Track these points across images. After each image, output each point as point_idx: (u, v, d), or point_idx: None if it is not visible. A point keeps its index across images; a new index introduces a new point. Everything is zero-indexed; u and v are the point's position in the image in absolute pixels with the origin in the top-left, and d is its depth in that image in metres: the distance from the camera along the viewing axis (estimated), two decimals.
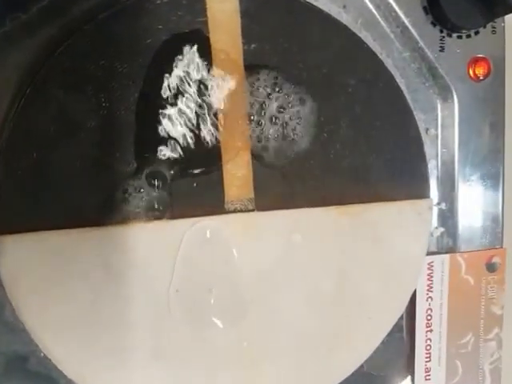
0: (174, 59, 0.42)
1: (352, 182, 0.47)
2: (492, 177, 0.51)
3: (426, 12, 0.48)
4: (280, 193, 0.46)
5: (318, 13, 0.45)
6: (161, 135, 0.43)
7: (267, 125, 0.44)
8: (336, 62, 0.46)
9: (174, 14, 0.42)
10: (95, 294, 0.42)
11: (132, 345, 0.43)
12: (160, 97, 0.42)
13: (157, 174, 0.43)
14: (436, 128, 0.50)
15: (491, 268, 0.51)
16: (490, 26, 0.49)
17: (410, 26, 0.48)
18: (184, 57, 0.42)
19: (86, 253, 0.42)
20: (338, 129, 0.46)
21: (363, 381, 0.50)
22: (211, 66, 0.43)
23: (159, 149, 0.42)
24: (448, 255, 0.50)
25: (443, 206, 0.50)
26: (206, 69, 0.43)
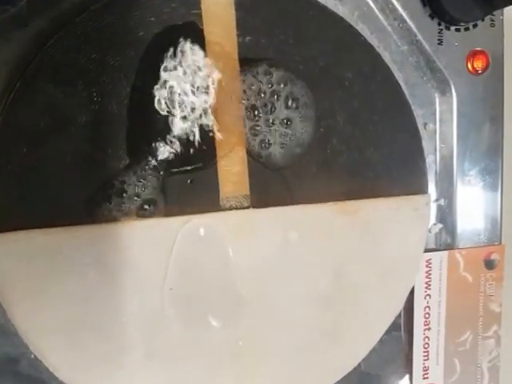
0: (167, 52, 0.41)
1: (349, 178, 0.46)
2: (491, 172, 0.51)
3: (424, 4, 0.47)
4: (276, 189, 0.45)
5: (315, 5, 0.44)
6: (154, 130, 0.41)
7: (262, 120, 0.43)
8: (332, 55, 0.45)
9: (167, 5, 0.41)
10: (87, 294, 0.41)
11: (125, 345, 0.42)
12: (153, 91, 0.41)
13: (149, 170, 0.42)
14: (434, 123, 0.50)
15: (490, 265, 0.51)
16: (488, 19, 0.48)
17: (408, 19, 0.47)
18: (177, 50, 0.41)
19: (76, 252, 0.41)
20: (335, 123, 0.45)
21: (361, 380, 0.49)
22: (205, 58, 0.41)
23: (152, 144, 0.42)
24: (446, 252, 0.49)
25: (442, 202, 0.50)
26: (200, 61, 0.41)
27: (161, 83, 0.41)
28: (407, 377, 0.51)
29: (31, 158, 0.40)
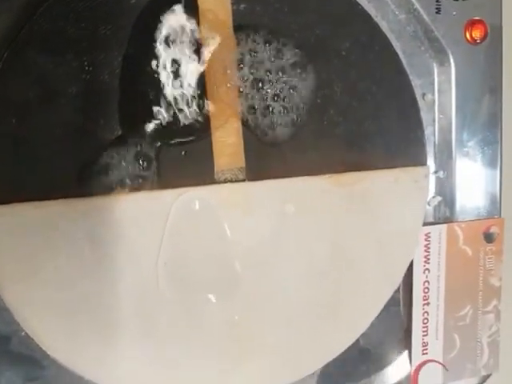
0: (160, 20, 0.40)
1: (346, 150, 0.45)
2: (490, 144, 0.50)
3: None
4: (272, 162, 0.44)
5: None
6: (147, 101, 0.41)
7: (258, 90, 0.42)
8: (329, 23, 0.44)
9: None
10: (79, 269, 0.40)
11: (119, 321, 0.41)
12: (145, 60, 0.40)
13: (143, 141, 0.41)
14: (433, 93, 0.49)
15: (489, 238, 0.50)
16: None
17: None
18: (170, 17, 0.40)
19: (68, 225, 0.40)
20: (332, 94, 0.44)
21: (360, 356, 0.49)
22: (199, 26, 0.40)
23: (145, 115, 0.40)
24: (445, 225, 0.49)
25: (440, 174, 0.49)
26: (194, 30, 0.40)
27: (153, 52, 0.40)
28: (406, 352, 0.50)
29: (21, 130, 0.39)
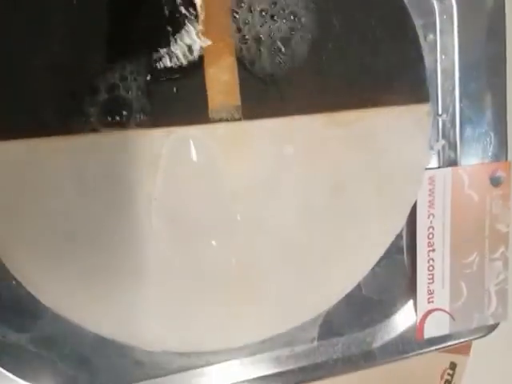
0: None
1: (346, 87, 0.44)
2: (494, 85, 0.48)
3: None
4: (269, 100, 0.42)
5: None
6: (136, 33, 0.39)
7: (254, 23, 0.40)
8: None
9: None
10: (69, 209, 0.38)
11: (109, 261, 0.39)
12: None
13: (132, 76, 0.39)
14: (434, 33, 0.46)
15: (495, 182, 0.48)
16: None
17: None
18: None
19: (56, 165, 0.38)
20: (331, 28, 0.42)
21: (362, 305, 0.47)
22: None
23: (134, 47, 0.38)
24: (450, 168, 0.47)
25: (444, 117, 0.47)
26: None
27: None
28: (411, 302, 0.48)
29: (3, 62, 0.36)
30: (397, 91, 0.44)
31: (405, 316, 0.48)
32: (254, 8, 0.41)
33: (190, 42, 0.39)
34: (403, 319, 0.48)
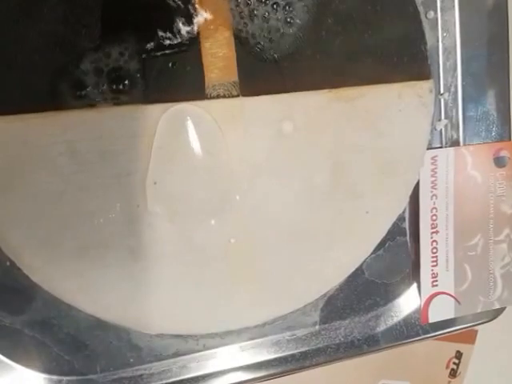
0: None
1: (346, 63, 0.42)
2: (497, 63, 0.47)
3: None
4: (267, 76, 0.41)
5: None
6: (132, 6, 0.37)
7: None
8: None
9: None
10: (62, 186, 0.37)
11: (106, 242, 0.38)
12: None
13: (127, 51, 0.37)
14: (435, 11, 0.45)
15: (499, 162, 0.47)
16: None
17: None
18: None
19: (49, 140, 0.37)
20: (331, 4, 0.41)
21: (366, 289, 0.46)
22: None
23: (128, 20, 0.37)
24: (453, 148, 0.46)
25: (446, 96, 0.46)
26: None
27: None
28: (415, 285, 0.47)
29: None
30: (398, 68, 0.43)
31: (409, 300, 0.47)
32: None
33: (186, 16, 0.38)
34: (407, 303, 0.47)
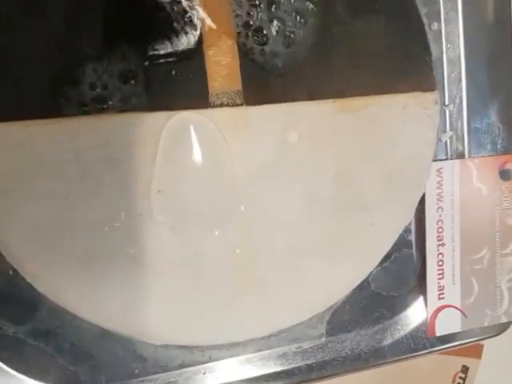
0: None
1: (352, 74, 0.42)
2: (501, 75, 0.47)
3: None
4: (271, 85, 0.41)
5: None
6: (134, 14, 0.37)
7: (254, 5, 0.39)
8: None
9: None
10: (66, 193, 0.37)
11: (110, 250, 0.37)
12: None
13: (129, 59, 0.37)
14: (439, 22, 0.45)
15: (505, 175, 0.46)
16: None
17: None
18: None
19: (54, 147, 0.36)
20: (335, 13, 0.41)
21: (372, 301, 0.45)
22: None
23: (132, 28, 0.37)
24: (458, 160, 0.45)
25: (451, 107, 0.46)
26: None
27: None
28: (421, 298, 0.46)
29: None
30: (403, 79, 0.43)
31: (415, 313, 0.46)
32: None
33: (190, 24, 0.38)
34: (414, 316, 0.46)
